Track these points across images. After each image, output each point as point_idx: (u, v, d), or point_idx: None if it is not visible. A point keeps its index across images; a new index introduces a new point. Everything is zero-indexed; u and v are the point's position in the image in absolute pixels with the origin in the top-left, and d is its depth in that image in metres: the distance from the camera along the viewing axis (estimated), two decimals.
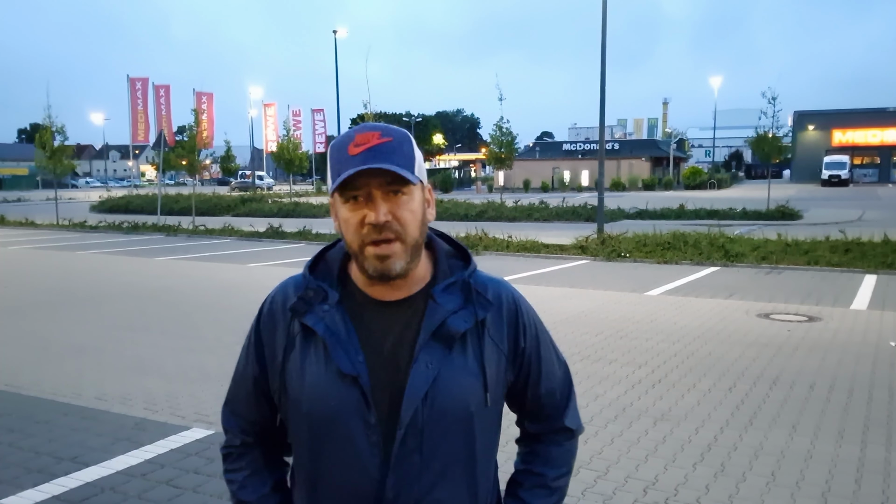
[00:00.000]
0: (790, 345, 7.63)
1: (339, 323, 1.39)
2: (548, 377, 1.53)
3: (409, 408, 1.34)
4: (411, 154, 1.35)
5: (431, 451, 1.37)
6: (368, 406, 1.35)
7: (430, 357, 1.36)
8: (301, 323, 1.41)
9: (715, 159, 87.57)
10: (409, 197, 1.34)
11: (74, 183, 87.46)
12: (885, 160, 72.06)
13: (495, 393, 1.43)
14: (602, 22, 18.67)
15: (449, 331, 1.37)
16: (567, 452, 1.59)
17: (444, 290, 1.40)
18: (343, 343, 1.37)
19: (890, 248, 14.62)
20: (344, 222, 1.35)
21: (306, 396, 1.39)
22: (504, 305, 1.46)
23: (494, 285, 1.48)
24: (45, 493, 4.20)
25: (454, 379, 1.37)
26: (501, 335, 1.44)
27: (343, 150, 1.32)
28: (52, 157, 26.21)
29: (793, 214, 25.98)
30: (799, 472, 4.46)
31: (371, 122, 1.38)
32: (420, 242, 1.38)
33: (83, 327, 8.74)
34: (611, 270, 13.91)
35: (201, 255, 16.86)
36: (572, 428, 1.59)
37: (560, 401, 1.57)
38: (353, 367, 1.35)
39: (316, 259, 1.49)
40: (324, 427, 1.39)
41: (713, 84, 68.06)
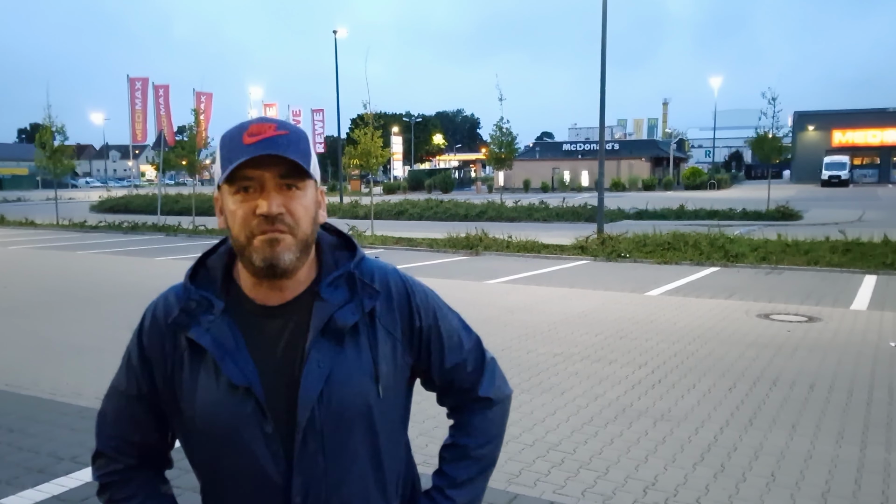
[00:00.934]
0: (790, 345, 7.63)
1: (226, 333, 1.34)
2: (452, 351, 1.50)
3: (304, 410, 1.31)
4: (307, 151, 1.31)
5: (334, 450, 1.34)
6: (265, 415, 1.31)
7: (321, 355, 1.33)
8: (187, 337, 1.35)
9: (715, 159, 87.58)
10: (302, 192, 1.31)
11: (74, 183, 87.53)
12: (885, 161, 72.04)
13: (393, 381, 1.41)
14: (602, 22, 18.68)
15: (337, 326, 1.34)
16: (489, 421, 1.55)
17: (329, 285, 1.37)
18: (232, 354, 1.32)
19: (890, 248, 14.62)
20: (231, 214, 1.30)
21: (200, 413, 1.34)
22: (393, 290, 1.43)
23: (381, 272, 1.45)
24: (45, 492, 4.20)
25: (348, 374, 1.34)
26: (393, 321, 1.42)
27: (236, 139, 1.28)
28: (52, 156, 26.22)
29: (793, 215, 25.98)
30: (799, 473, 4.46)
31: (267, 117, 1.35)
32: (311, 241, 1.35)
33: (83, 327, 8.74)
34: (611, 271, 13.91)
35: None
36: (490, 397, 1.55)
37: (472, 372, 1.54)
38: (245, 378, 1.31)
39: (196, 266, 1.43)
40: (222, 442, 1.34)
41: (713, 84, 68.13)
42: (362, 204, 31.14)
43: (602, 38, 18.76)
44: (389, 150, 24.14)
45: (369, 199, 25.57)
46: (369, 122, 21.28)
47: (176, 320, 1.37)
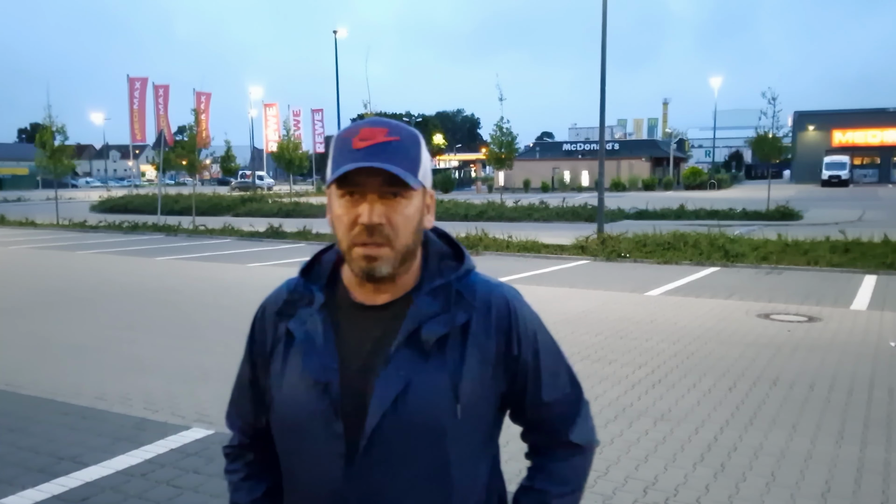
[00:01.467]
0: (790, 345, 7.63)
1: (318, 328, 1.35)
2: (549, 388, 1.43)
3: (374, 416, 1.29)
4: (417, 157, 1.30)
5: (399, 462, 1.31)
6: (336, 415, 1.31)
7: (402, 363, 1.30)
8: (286, 327, 1.39)
9: (715, 159, 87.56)
10: (407, 201, 1.29)
11: (74, 183, 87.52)
12: (886, 160, 72.06)
13: (477, 405, 1.34)
14: (602, 22, 18.67)
15: (424, 336, 1.31)
16: (573, 469, 1.47)
17: (427, 294, 1.34)
18: (318, 349, 1.34)
19: (890, 248, 14.62)
20: (336, 219, 1.30)
21: (280, 402, 1.37)
22: (493, 310, 1.37)
23: (486, 288, 1.39)
24: (46, 492, 4.20)
25: (426, 387, 1.30)
26: (488, 342, 1.35)
27: (347, 142, 1.28)
28: (52, 156, 26.21)
29: (793, 215, 25.97)
30: (799, 473, 4.46)
31: (381, 118, 1.33)
32: (413, 249, 1.33)
33: (83, 327, 8.74)
34: (611, 270, 13.91)
35: (201, 255, 16.85)
36: (580, 443, 1.47)
37: (565, 414, 1.46)
38: (325, 374, 1.32)
39: (311, 262, 1.45)
40: (294, 434, 1.36)
41: (713, 84, 68.11)
42: None
43: (602, 39, 18.75)
44: None
45: None
46: None
47: (280, 310, 1.42)
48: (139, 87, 39.40)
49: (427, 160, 1.34)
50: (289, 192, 47.28)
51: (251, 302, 7.50)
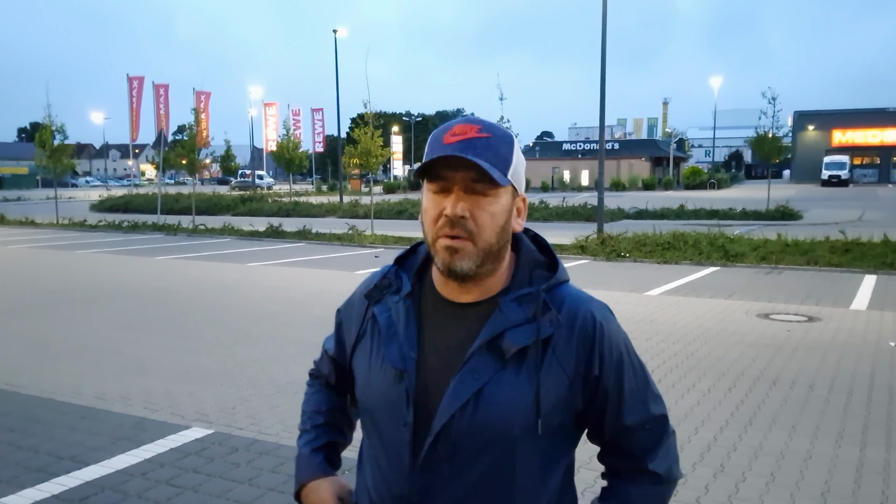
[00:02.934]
0: (790, 345, 7.63)
1: (401, 316, 1.38)
2: (631, 412, 1.38)
3: (443, 415, 1.29)
4: (508, 156, 1.30)
5: (463, 465, 1.30)
6: (408, 404, 1.32)
7: (479, 367, 1.30)
8: (372, 311, 1.44)
9: (715, 159, 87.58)
10: (492, 199, 1.29)
11: (74, 182, 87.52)
12: (885, 160, 72.09)
13: (551, 419, 1.31)
14: (602, 23, 18.67)
15: (505, 343, 1.30)
16: (648, 498, 1.42)
17: (514, 300, 1.33)
18: (399, 337, 1.37)
19: (890, 248, 14.62)
20: (424, 212, 1.33)
21: (362, 383, 1.43)
22: (578, 325, 1.34)
23: (573, 303, 1.36)
24: (45, 492, 4.20)
25: (501, 395, 1.29)
26: (569, 357, 1.32)
27: (439, 137, 1.30)
28: (52, 156, 26.19)
29: (792, 214, 25.98)
30: (798, 473, 4.46)
31: (475, 117, 1.34)
32: (497, 249, 1.32)
33: (83, 327, 8.74)
34: (611, 270, 13.92)
35: (201, 255, 16.85)
36: (660, 473, 1.41)
37: (646, 441, 1.41)
38: (403, 362, 1.34)
39: (408, 251, 1.48)
40: (370, 416, 1.41)
41: (713, 84, 68.11)
42: (362, 203, 31.14)
43: (602, 39, 18.75)
44: (389, 149, 24.11)
45: (369, 198, 25.57)
46: (369, 121, 21.29)
47: (369, 293, 1.46)
48: (138, 86, 39.37)
49: (520, 162, 1.34)
50: (288, 191, 47.29)
51: (251, 301, 7.55)
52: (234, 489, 4.21)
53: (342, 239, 19.56)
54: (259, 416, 5.52)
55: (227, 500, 4.09)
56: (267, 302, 10.21)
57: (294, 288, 11.61)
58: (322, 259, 15.91)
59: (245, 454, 4.75)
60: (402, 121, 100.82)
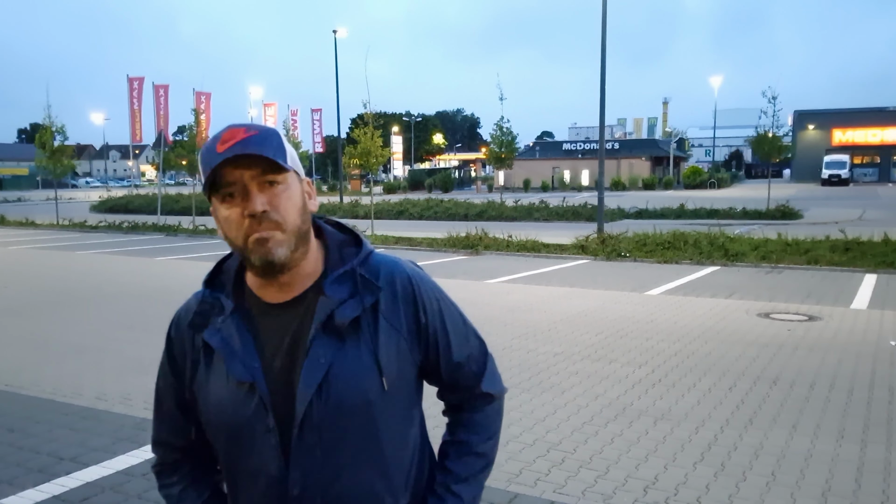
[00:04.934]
0: (790, 344, 7.63)
1: (233, 333, 1.39)
2: (459, 347, 1.52)
3: (302, 403, 1.34)
4: (281, 146, 1.34)
5: (332, 444, 1.37)
6: (266, 410, 1.36)
7: (321, 350, 1.36)
8: (202, 339, 1.42)
9: (715, 159, 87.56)
10: (284, 186, 1.33)
11: (74, 183, 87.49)
12: (886, 159, 72.03)
13: (398, 376, 1.41)
14: (602, 22, 18.67)
15: (337, 321, 1.36)
16: (489, 417, 1.58)
17: (333, 282, 1.39)
18: (238, 352, 1.38)
19: (890, 247, 14.61)
20: (224, 221, 1.33)
21: (212, 409, 1.42)
22: (398, 285, 1.44)
23: (388, 268, 1.45)
24: (46, 492, 4.20)
25: (348, 369, 1.36)
26: (398, 316, 1.42)
27: (212, 149, 1.31)
28: (52, 156, 26.23)
29: (793, 214, 25.98)
30: (799, 472, 4.46)
31: (239, 123, 1.37)
32: (303, 231, 1.37)
33: (83, 327, 8.74)
34: (611, 270, 13.91)
35: (201, 255, 16.85)
36: (491, 392, 1.58)
37: (475, 370, 1.56)
38: (249, 374, 1.36)
39: (213, 272, 1.49)
40: (229, 438, 1.41)
41: (713, 83, 68.11)
42: (362, 203, 31.13)
43: (602, 38, 18.75)
44: (389, 149, 24.14)
45: (369, 198, 25.58)
46: (369, 121, 21.30)
47: (192, 322, 1.45)
48: (138, 86, 39.36)
49: (292, 150, 1.38)
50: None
51: None
52: None
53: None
54: None
55: None
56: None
57: None
58: None
59: None
60: (402, 121, 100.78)
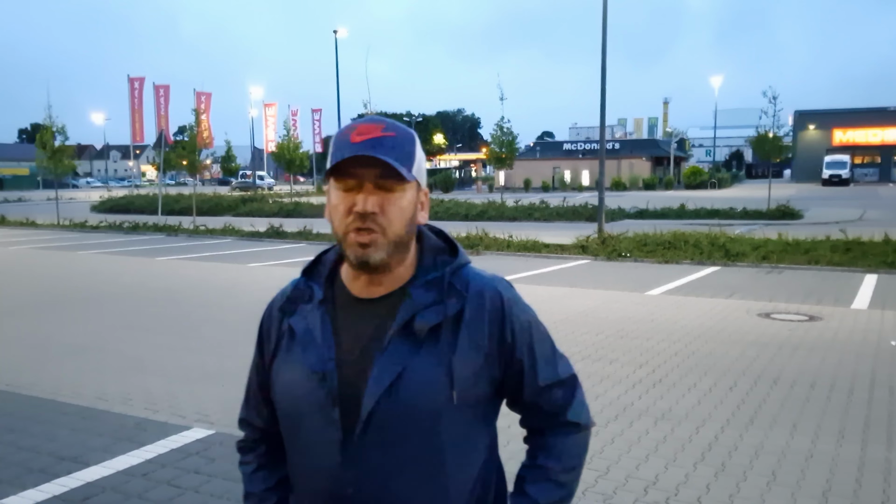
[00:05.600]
0: (791, 344, 7.63)
1: (317, 322, 1.42)
2: (544, 372, 1.48)
3: (369, 402, 1.34)
4: (411, 153, 1.36)
5: (393, 447, 1.36)
6: (333, 403, 1.36)
7: (397, 352, 1.36)
8: (288, 323, 1.47)
9: (715, 159, 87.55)
10: (400, 194, 1.34)
11: (75, 183, 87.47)
12: (886, 159, 72.05)
13: (471, 391, 1.39)
14: (602, 22, 18.66)
15: (417, 325, 1.36)
16: (574, 446, 1.52)
17: (421, 286, 1.39)
18: (316, 342, 1.40)
19: (891, 247, 14.60)
20: (333, 208, 1.37)
21: (282, 393, 1.45)
22: (487, 301, 1.42)
23: (479, 281, 1.44)
24: (46, 492, 4.20)
25: (421, 375, 1.35)
26: (481, 331, 1.40)
27: (345, 137, 1.34)
28: (53, 157, 26.26)
29: (793, 214, 25.97)
30: (800, 472, 4.46)
31: (379, 117, 1.39)
32: (405, 241, 1.38)
33: (84, 327, 8.74)
34: (611, 270, 13.91)
35: (202, 255, 16.86)
36: (578, 422, 1.52)
37: (562, 397, 1.51)
38: (323, 365, 1.38)
39: (313, 262, 1.52)
40: (295, 423, 1.43)
41: (714, 83, 68.12)
42: None
43: (602, 38, 18.74)
44: None
45: None
46: None
47: (282, 307, 1.50)
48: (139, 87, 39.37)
49: (421, 158, 1.40)
50: (289, 191, 47.32)
51: (252, 302, 7.56)
52: (236, 489, 4.21)
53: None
54: None
55: (228, 501, 4.09)
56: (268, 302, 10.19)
57: None
58: None
59: None
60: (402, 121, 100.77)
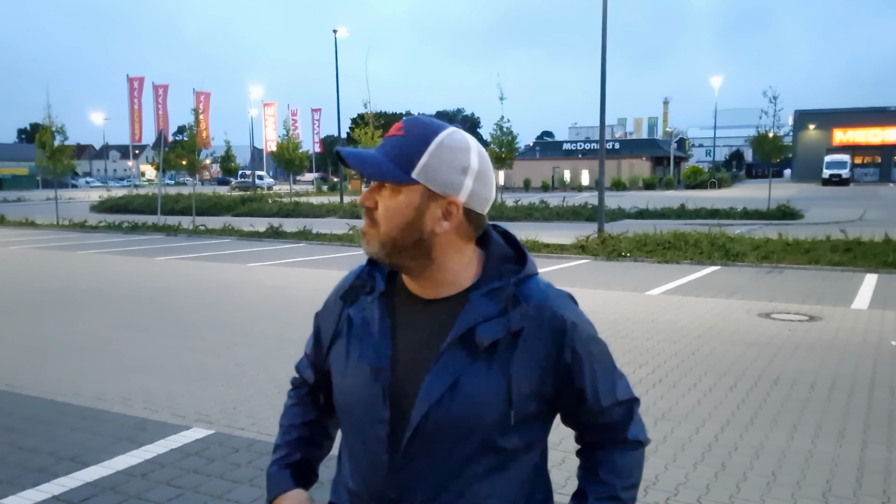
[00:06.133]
0: (791, 344, 7.62)
1: (376, 315, 1.40)
2: (607, 394, 1.44)
3: (419, 409, 1.32)
4: (414, 155, 1.29)
5: (441, 458, 1.33)
6: (384, 401, 1.35)
7: (452, 361, 1.32)
8: (347, 312, 1.46)
9: (715, 159, 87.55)
10: (392, 192, 1.31)
11: (74, 183, 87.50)
12: (886, 159, 72.05)
13: (522, 408, 1.35)
14: (602, 21, 18.65)
15: (476, 337, 1.32)
16: (634, 463, 1.49)
17: (484, 295, 1.35)
18: (374, 336, 1.39)
19: (891, 247, 14.61)
20: None
21: (338, 383, 1.45)
22: (547, 317, 1.36)
23: (542, 296, 1.38)
24: (46, 492, 4.20)
25: (475, 388, 1.31)
26: (540, 348, 1.35)
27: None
28: (52, 156, 26.23)
29: (793, 214, 25.97)
30: (800, 472, 4.45)
31: (414, 116, 1.38)
32: (409, 245, 1.32)
33: (83, 327, 8.74)
34: (611, 270, 13.91)
35: (201, 255, 16.85)
36: (638, 439, 1.49)
37: (622, 416, 1.48)
38: (378, 361, 1.37)
39: None
40: (347, 415, 1.44)
41: (714, 83, 68.15)
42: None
43: (602, 38, 18.73)
44: None
45: None
46: (369, 121, 21.32)
47: (343, 295, 1.49)
48: (138, 86, 39.38)
49: (438, 163, 1.30)
50: (289, 191, 47.30)
51: (251, 301, 7.55)
52: (235, 490, 4.21)
53: (343, 239, 19.55)
54: (260, 416, 5.51)
55: (227, 501, 4.09)
56: (267, 302, 10.21)
57: (294, 288, 11.60)
58: (323, 259, 15.91)
59: (246, 454, 4.75)
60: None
